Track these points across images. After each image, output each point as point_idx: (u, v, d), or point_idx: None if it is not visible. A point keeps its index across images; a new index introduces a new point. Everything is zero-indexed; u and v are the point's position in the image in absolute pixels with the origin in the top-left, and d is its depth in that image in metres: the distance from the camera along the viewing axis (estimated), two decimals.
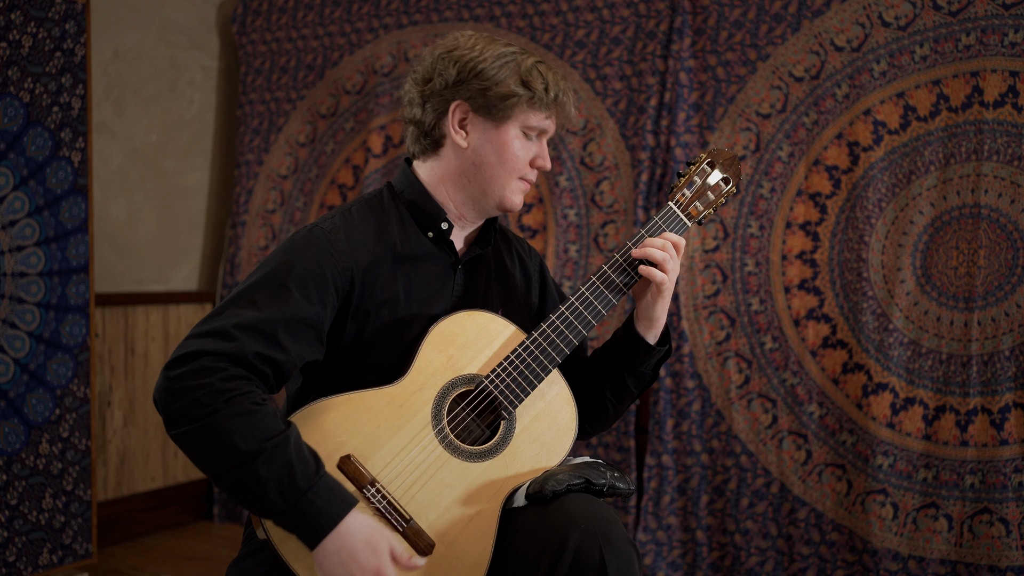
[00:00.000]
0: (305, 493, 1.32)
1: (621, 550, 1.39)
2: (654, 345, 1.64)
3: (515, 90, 1.55)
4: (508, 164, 1.58)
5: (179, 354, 1.37)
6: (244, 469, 1.31)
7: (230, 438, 1.31)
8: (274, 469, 1.32)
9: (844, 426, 2.73)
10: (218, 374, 1.35)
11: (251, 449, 1.31)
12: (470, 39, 1.59)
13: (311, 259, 1.48)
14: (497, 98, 1.55)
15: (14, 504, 2.72)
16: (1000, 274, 2.55)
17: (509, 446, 1.51)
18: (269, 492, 1.32)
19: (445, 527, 1.45)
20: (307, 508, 1.33)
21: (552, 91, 1.57)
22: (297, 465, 1.33)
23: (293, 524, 1.34)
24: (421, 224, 1.61)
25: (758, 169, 2.84)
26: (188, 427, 1.33)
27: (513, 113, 1.56)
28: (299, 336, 1.44)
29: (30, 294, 2.76)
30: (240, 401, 1.34)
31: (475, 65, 1.55)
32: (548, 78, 1.57)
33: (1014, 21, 2.51)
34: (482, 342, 1.53)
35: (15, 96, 2.71)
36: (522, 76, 1.55)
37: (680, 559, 2.91)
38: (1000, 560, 2.50)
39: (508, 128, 1.57)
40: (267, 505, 1.33)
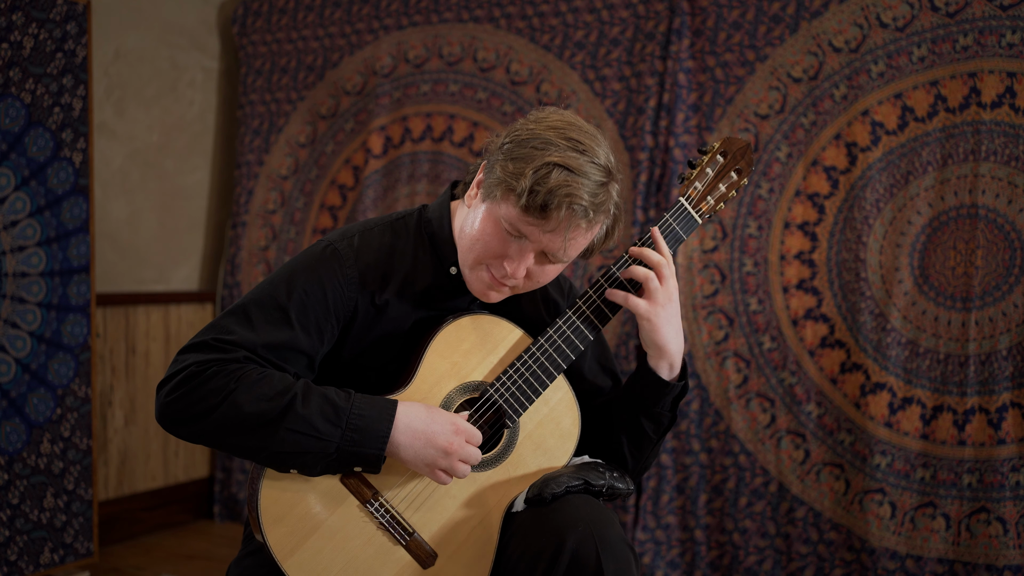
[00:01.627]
0: (350, 411, 1.37)
1: (618, 552, 1.39)
2: (667, 380, 1.53)
3: (505, 176, 1.39)
4: (474, 242, 1.45)
5: (172, 371, 1.38)
6: (286, 418, 1.34)
7: (257, 404, 1.34)
8: (312, 405, 1.36)
9: (842, 425, 2.74)
10: (212, 366, 1.36)
11: (281, 402, 1.34)
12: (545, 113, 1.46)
13: (317, 285, 1.46)
14: (492, 175, 1.43)
15: (15, 503, 2.73)
16: (997, 274, 2.55)
17: (512, 454, 1.51)
18: (318, 425, 1.35)
19: (447, 537, 1.46)
20: (359, 422, 1.37)
21: (540, 196, 1.36)
22: (329, 394, 1.38)
23: (355, 444, 1.36)
24: (441, 257, 1.55)
25: (757, 169, 2.85)
26: (213, 416, 1.34)
27: (492, 196, 1.42)
28: (289, 361, 1.44)
29: (31, 294, 2.77)
30: (247, 374, 1.36)
31: (516, 137, 1.43)
32: (548, 182, 1.36)
33: (1011, 22, 2.52)
34: (487, 347, 1.52)
35: (16, 97, 2.72)
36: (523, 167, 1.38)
37: (679, 558, 2.92)
38: (998, 559, 2.51)
39: (488, 210, 1.43)
40: (322, 440, 1.35)
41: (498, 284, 1.46)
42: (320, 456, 1.36)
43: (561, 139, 1.39)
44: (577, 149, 1.39)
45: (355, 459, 1.38)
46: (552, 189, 1.36)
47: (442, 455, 1.40)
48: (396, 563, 1.43)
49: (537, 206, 1.37)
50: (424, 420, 1.41)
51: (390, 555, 1.43)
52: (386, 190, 3.44)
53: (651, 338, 1.50)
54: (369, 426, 1.37)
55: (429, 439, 1.40)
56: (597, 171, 1.39)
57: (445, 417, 1.42)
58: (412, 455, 1.40)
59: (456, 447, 1.41)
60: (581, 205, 1.38)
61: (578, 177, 1.37)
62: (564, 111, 1.46)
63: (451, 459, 1.41)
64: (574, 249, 1.44)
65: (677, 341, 1.52)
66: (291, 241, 3.64)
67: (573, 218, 1.39)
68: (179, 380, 1.36)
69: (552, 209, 1.37)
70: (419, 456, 1.40)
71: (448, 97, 3.34)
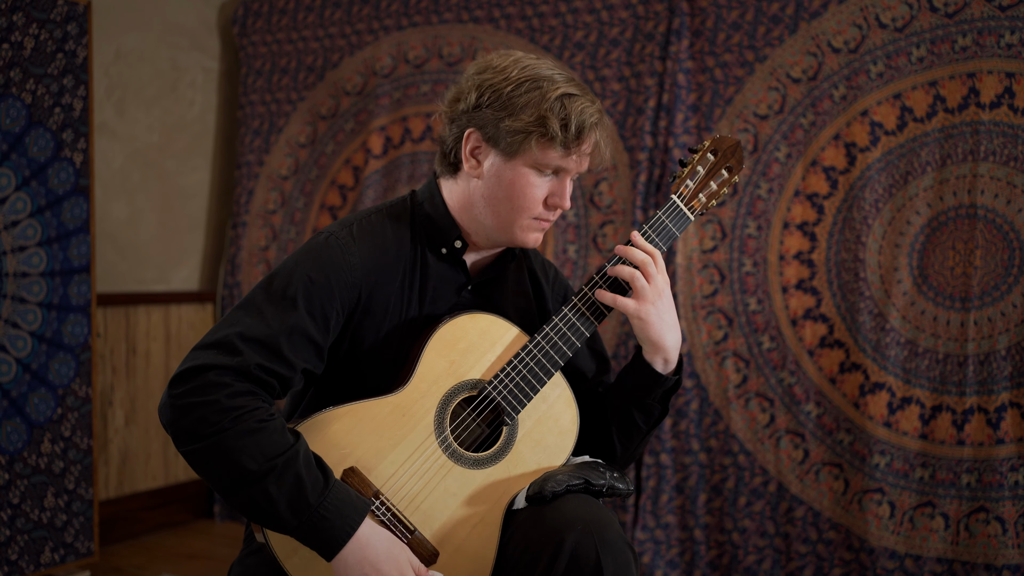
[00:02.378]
0: (316, 508, 1.32)
1: (617, 551, 1.39)
2: (661, 373, 1.55)
3: (527, 125, 1.43)
4: (517, 202, 1.48)
5: (184, 368, 1.37)
6: (254, 488, 1.31)
7: (239, 457, 1.31)
8: (284, 487, 1.31)
9: (841, 425, 2.75)
10: (224, 390, 1.34)
11: (260, 469, 1.31)
12: (506, 60, 1.48)
13: (321, 273, 1.46)
14: (508, 132, 1.44)
15: (16, 503, 2.73)
16: (996, 274, 2.56)
17: (511, 452, 1.51)
18: (280, 510, 1.32)
19: (449, 535, 1.46)
20: (319, 523, 1.33)
21: (573, 127, 1.43)
22: (307, 480, 1.33)
23: (307, 539, 1.34)
24: (435, 240, 1.56)
25: (756, 170, 2.86)
26: (195, 445, 1.33)
27: (524, 149, 1.45)
28: (301, 348, 1.43)
29: (32, 294, 2.78)
30: (247, 419, 1.33)
31: (494, 92, 1.46)
32: (571, 112, 1.43)
33: (1010, 23, 2.53)
34: (484, 345, 1.52)
35: (17, 97, 2.73)
36: (541, 110, 1.43)
37: (678, 557, 2.93)
38: (996, 559, 2.51)
39: (518, 164, 1.47)
40: (279, 522, 1.33)
41: (544, 223, 1.52)
42: (273, 527, 1.35)
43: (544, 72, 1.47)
44: (560, 74, 1.48)
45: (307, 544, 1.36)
46: (579, 117, 1.44)
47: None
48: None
49: (574, 137, 1.45)
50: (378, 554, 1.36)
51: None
52: (386, 190, 3.45)
53: (644, 335, 1.52)
54: (327, 530, 1.33)
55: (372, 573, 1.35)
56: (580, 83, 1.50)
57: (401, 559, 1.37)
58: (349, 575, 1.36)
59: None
60: (600, 118, 1.48)
61: (583, 96, 1.47)
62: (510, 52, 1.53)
63: None
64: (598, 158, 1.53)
65: (672, 336, 1.53)
66: (291, 241, 3.65)
67: (599, 131, 1.48)
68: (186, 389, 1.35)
69: (586, 133, 1.46)
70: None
71: None
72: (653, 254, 1.52)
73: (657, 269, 1.51)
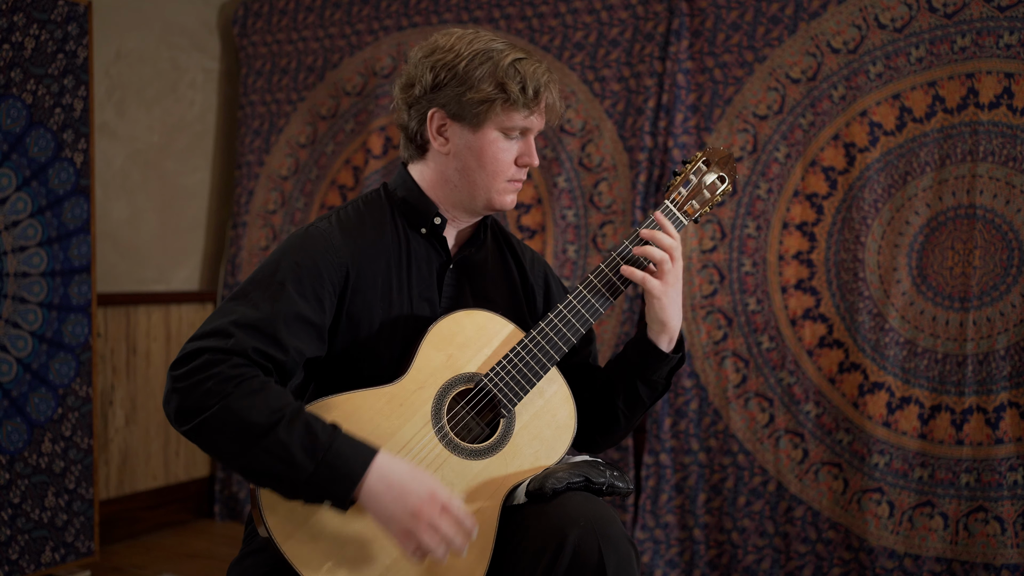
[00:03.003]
0: (330, 446, 1.34)
1: (620, 548, 1.40)
2: (667, 352, 1.61)
3: (489, 94, 1.51)
4: (490, 168, 1.56)
5: (181, 355, 1.39)
6: (267, 438, 1.33)
7: (247, 414, 1.33)
8: (295, 432, 1.34)
9: (840, 425, 2.75)
10: (224, 363, 1.37)
11: (269, 420, 1.34)
12: (450, 39, 1.56)
13: (307, 257, 1.49)
14: (471, 104, 1.52)
15: (17, 502, 2.74)
16: (995, 274, 2.56)
17: (508, 444, 1.52)
18: (295, 454, 1.33)
19: None
20: (334, 460, 1.34)
21: (531, 89, 1.52)
22: (315, 425, 1.36)
23: (324, 480, 1.34)
24: (414, 221, 1.61)
25: (755, 170, 2.86)
26: (204, 416, 1.35)
27: (489, 117, 1.53)
28: (297, 332, 1.45)
29: (33, 294, 2.78)
30: (250, 382, 1.36)
31: (449, 70, 1.53)
32: (526, 75, 1.52)
33: (1009, 23, 2.53)
34: (481, 341, 1.54)
35: (18, 98, 2.73)
36: (498, 78, 1.51)
37: (678, 557, 2.93)
38: (995, 558, 2.52)
39: (486, 132, 1.55)
40: (295, 469, 1.33)
41: (518, 183, 1.60)
42: (290, 483, 1.36)
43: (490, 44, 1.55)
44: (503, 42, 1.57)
45: (324, 494, 1.36)
46: (534, 77, 1.53)
47: (409, 516, 1.35)
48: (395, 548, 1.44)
49: (532, 97, 1.53)
50: (403, 474, 1.37)
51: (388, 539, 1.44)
52: None
53: (659, 315, 1.59)
54: (343, 466, 1.35)
55: (401, 495, 1.35)
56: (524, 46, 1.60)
57: (426, 480, 1.37)
58: (381, 508, 1.36)
59: (426, 512, 1.35)
60: (551, 76, 1.57)
61: (531, 58, 1.56)
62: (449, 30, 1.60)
63: (418, 523, 1.34)
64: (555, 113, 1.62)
65: (679, 318, 1.61)
66: None
67: (553, 88, 1.58)
68: (185, 371, 1.37)
69: (542, 91, 1.55)
70: (388, 511, 1.36)
71: None
72: (677, 239, 1.59)
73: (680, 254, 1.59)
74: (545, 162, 3.16)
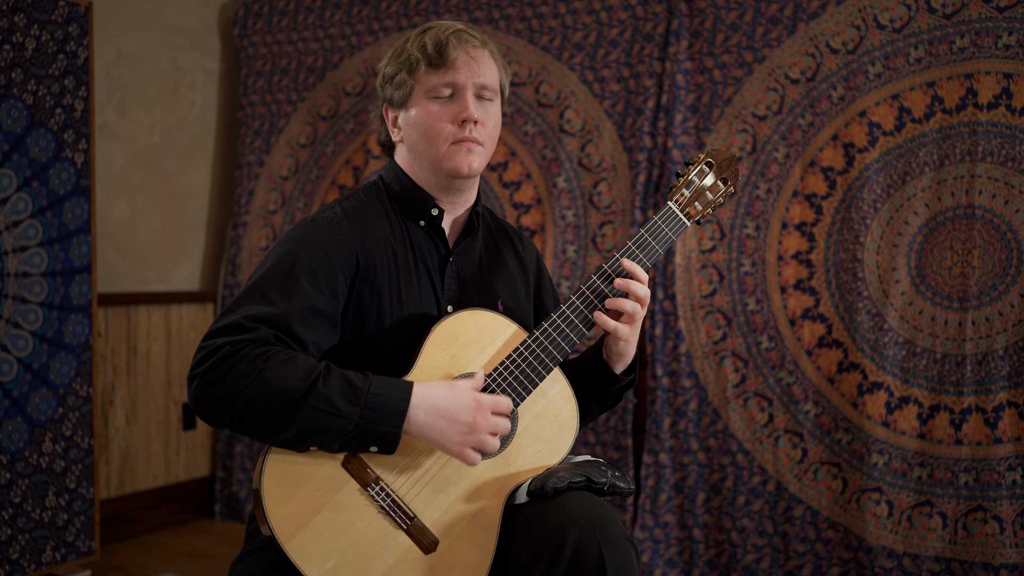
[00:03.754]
0: (368, 390, 1.40)
1: (620, 548, 1.40)
2: (619, 375, 1.67)
3: (399, 68, 1.60)
4: (429, 135, 1.59)
5: (200, 355, 1.41)
6: (310, 396, 1.38)
7: (285, 382, 1.38)
8: (333, 384, 1.39)
9: (839, 425, 2.76)
10: (245, 347, 1.40)
11: (306, 382, 1.38)
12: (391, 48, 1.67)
13: (316, 247, 1.51)
14: (395, 86, 1.61)
15: (17, 502, 2.74)
16: (994, 274, 2.57)
17: (511, 444, 1.52)
18: (338, 404, 1.38)
19: (448, 524, 1.47)
20: (376, 401, 1.40)
21: (431, 46, 1.57)
22: (348, 375, 1.42)
23: (372, 422, 1.40)
24: (412, 213, 1.64)
25: (754, 170, 2.87)
26: (242, 397, 1.37)
27: (411, 90, 1.60)
28: (314, 325, 1.47)
29: (33, 294, 2.79)
30: (276, 356, 1.40)
31: (381, 70, 1.65)
32: (426, 39, 1.57)
33: (1007, 24, 2.54)
34: (484, 341, 1.54)
35: (19, 98, 2.74)
36: (403, 50, 1.60)
37: (677, 556, 2.94)
38: (994, 557, 2.52)
39: (414, 104, 1.60)
40: (343, 419, 1.39)
41: (469, 142, 1.59)
42: (339, 433, 1.40)
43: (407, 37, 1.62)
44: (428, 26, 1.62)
45: (373, 436, 1.41)
46: (435, 35, 1.57)
47: (468, 431, 1.43)
48: (398, 548, 1.44)
49: (436, 54, 1.56)
50: (446, 398, 1.44)
51: (391, 539, 1.44)
52: None
53: (620, 351, 1.64)
54: (386, 405, 1.41)
55: (452, 416, 1.43)
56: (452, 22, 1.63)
57: (467, 393, 1.45)
58: (438, 434, 1.43)
59: (480, 421, 1.44)
60: (464, 30, 1.59)
61: (442, 23, 1.61)
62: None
63: (478, 434, 1.44)
64: (491, 72, 1.61)
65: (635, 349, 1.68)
66: None
67: (469, 43, 1.58)
68: (210, 364, 1.39)
69: (448, 48, 1.56)
70: (445, 435, 1.43)
71: None
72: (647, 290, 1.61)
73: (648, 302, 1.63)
74: (545, 162, 3.17)
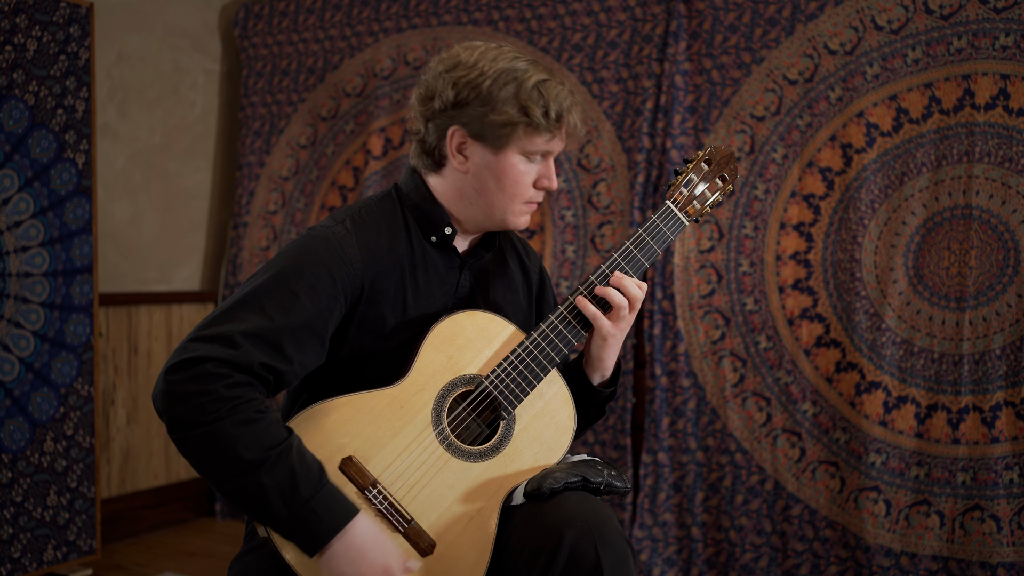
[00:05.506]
0: (308, 502, 1.34)
1: (616, 548, 1.40)
2: (596, 387, 1.63)
3: (513, 117, 1.49)
4: (509, 190, 1.54)
5: (182, 358, 1.36)
6: (247, 477, 1.32)
7: (234, 446, 1.32)
8: (277, 477, 1.33)
9: (837, 424, 2.77)
10: (222, 380, 1.34)
11: (254, 458, 1.32)
12: (473, 54, 1.52)
13: (321, 264, 1.47)
14: (494, 126, 1.50)
15: (19, 501, 2.75)
16: (991, 274, 2.58)
17: (509, 446, 1.52)
18: (272, 500, 1.33)
19: (445, 527, 1.47)
20: (308, 516, 1.34)
21: (554, 112, 1.50)
22: (300, 473, 1.34)
23: (294, 532, 1.35)
24: (425, 229, 1.59)
25: (752, 171, 2.88)
26: (191, 432, 1.33)
27: (512, 140, 1.51)
28: (304, 345, 1.44)
29: (35, 294, 2.80)
30: (244, 409, 1.34)
31: (473, 88, 1.50)
32: (549, 99, 1.50)
33: (1005, 25, 2.55)
34: (482, 342, 1.54)
35: (20, 99, 2.75)
36: (521, 101, 1.49)
37: (676, 555, 2.94)
38: (991, 556, 2.53)
39: (507, 155, 1.53)
40: (269, 513, 1.34)
41: (534, 205, 1.60)
42: (261, 518, 1.37)
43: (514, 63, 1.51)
44: (526, 60, 1.53)
45: (291, 539, 1.37)
46: (557, 101, 1.51)
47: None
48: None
49: (554, 122, 1.51)
50: (364, 543, 1.38)
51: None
52: None
53: (599, 353, 1.61)
54: (315, 525, 1.34)
55: (356, 560, 1.37)
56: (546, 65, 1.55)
57: (384, 554, 1.39)
58: (335, 565, 1.37)
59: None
60: (574, 98, 1.55)
61: (554, 79, 1.53)
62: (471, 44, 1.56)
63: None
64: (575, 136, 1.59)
65: (615, 358, 1.64)
66: None
67: (576, 111, 1.55)
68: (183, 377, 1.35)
69: (565, 115, 1.52)
70: (339, 571, 1.37)
71: None
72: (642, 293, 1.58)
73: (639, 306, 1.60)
74: None
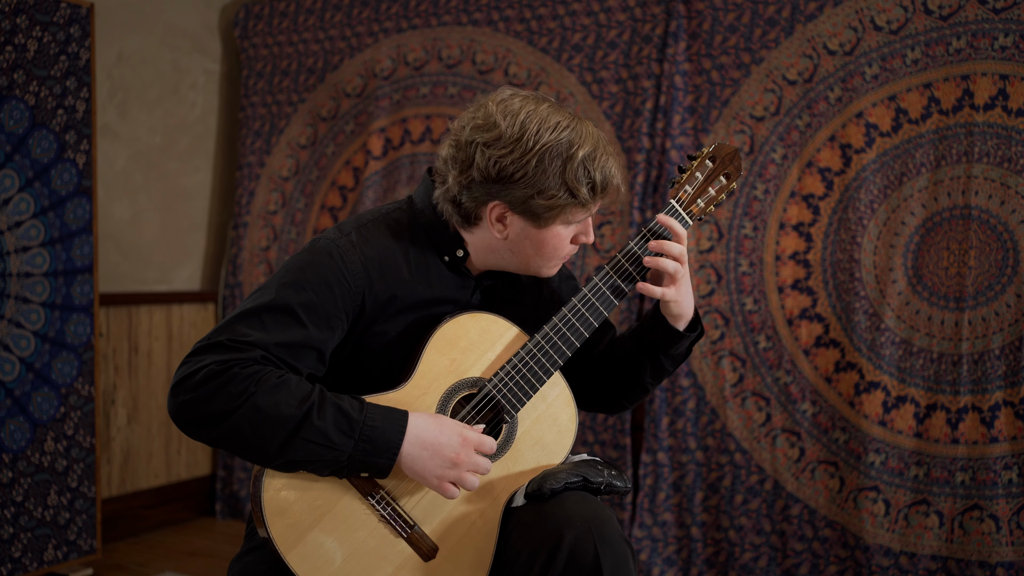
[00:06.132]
0: (363, 422, 1.39)
1: (616, 548, 1.41)
2: (684, 331, 1.65)
3: (560, 200, 1.47)
4: (548, 254, 1.55)
5: (189, 370, 1.38)
6: (303, 428, 1.37)
7: (278, 408, 1.36)
8: (327, 416, 1.38)
9: (837, 424, 2.77)
10: (235, 367, 1.37)
11: (299, 410, 1.37)
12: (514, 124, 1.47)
13: (323, 281, 1.47)
14: (540, 208, 1.48)
15: (20, 501, 2.76)
16: (990, 274, 2.58)
17: (511, 449, 1.52)
18: (334, 437, 1.38)
19: (448, 531, 1.48)
20: (371, 434, 1.39)
21: (600, 186, 1.50)
22: (343, 404, 1.40)
23: (366, 454, 1.39)
24: (438, 246, 1.57)
25: (752, 171, 2.88)
26: (230, 420, 1.35)
27: (557, 218, 1.51)
28: (302, 358, 1.45)
29: (35, 294, 2.80)
30: (267, 378, 1.38)
31: (517, 168, 1.46)
32: (595, 175, 1.48)
33: (1004, 25, 2.55)
34: (485, 344, 1.54)
35: (20, 99, 2.75)
36: (568, 183, 1.47)
37: (675, 555, 2.95)
38: (990, 556, 2.53)
39: (551, 228, 1.52)
40: (336, 450, 1.38)
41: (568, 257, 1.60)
42: (331, 463, 1.39)
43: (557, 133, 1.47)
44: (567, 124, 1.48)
45: (365, 467, 1.41)
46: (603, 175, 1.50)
47: (450, 466, 1.42)
48: (398, 556, 1.45)
49: (599, 193, 1.52)
50: (432, 431, 1.43)
51: (392, 547, 1.45)
52: (386, 191, 3.47)
53: (675, 312, 1.63)
54: (381, 437, 1.40)
55: (437, 450, 1.42)
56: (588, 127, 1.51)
57: (453, 428, 1.44)
58: (420, 467, 1.42)
59: (463, 458, 1.43)
60: (616, 164, 1.54)
61: (599, 148, 1.51)
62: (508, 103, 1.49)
63: (459, 470, 1.43)
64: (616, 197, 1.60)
65: (692, 305, 1.65)
66: (292, 242, 3.67)
67: (618, 174, 1.55)
68: (199, 379, 1.36)
69: (610, 183, 1.53)
70: (427, 468, 1.42)
71: (447, 99, 3.37)
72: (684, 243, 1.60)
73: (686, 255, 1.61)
74: None
